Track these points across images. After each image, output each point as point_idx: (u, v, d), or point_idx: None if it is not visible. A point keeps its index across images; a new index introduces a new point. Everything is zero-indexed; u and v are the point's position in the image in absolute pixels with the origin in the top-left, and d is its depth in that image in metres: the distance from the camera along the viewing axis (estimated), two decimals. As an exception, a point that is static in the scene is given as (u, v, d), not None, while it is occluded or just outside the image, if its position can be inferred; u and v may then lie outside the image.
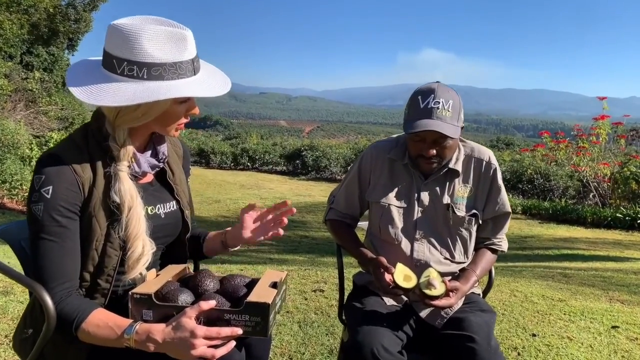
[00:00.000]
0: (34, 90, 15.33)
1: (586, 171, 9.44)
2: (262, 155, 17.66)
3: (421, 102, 1.46)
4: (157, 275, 1.21)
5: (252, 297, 1.09)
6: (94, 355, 1.13)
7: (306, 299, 3.16)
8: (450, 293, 1.39)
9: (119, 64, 1.07)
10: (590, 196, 9.57)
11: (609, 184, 9.16)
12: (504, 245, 1.65)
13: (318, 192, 11.71)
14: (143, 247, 1.16)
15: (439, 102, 1.44)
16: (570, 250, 6.37)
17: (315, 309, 2.99)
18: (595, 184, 9.34)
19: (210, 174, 15.16)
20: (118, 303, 1.18)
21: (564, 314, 3.07)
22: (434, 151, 1.48)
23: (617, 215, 8.08)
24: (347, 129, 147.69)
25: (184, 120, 1.20)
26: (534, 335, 2.70)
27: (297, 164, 16.34)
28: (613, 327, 2.85)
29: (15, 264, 1.35)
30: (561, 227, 8.25)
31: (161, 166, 1.28)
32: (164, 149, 1.27)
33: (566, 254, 6.08)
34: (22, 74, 15.71)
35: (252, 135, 29.24)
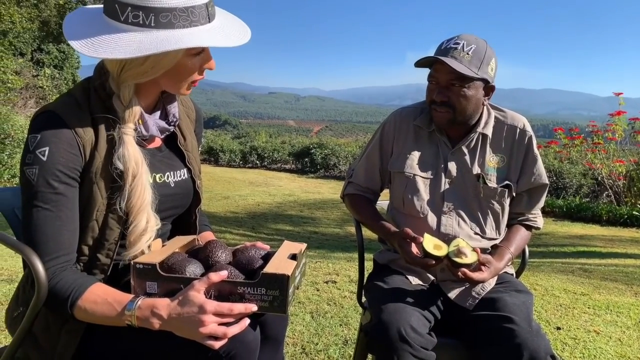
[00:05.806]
0: (45, 87, 15.40)
1: (601, 169, 9.21)
2: (270, 153, 17.54)
3: (442, 45, 1.37)
4: (163, 246, 1.10)
5: (270, 269, 0.97)
6: (89, 338, 1.02)
7: (318, 290, 3.05)
8: (483, 267, 1.26)
9: (122, 10, 0.94)
10: (604, 195, 9.34)
11: (624, 181, 8.93)
12: (539, 221, 1.51)
13: (327, 190, 11.58)
14: (147, 222, 1.04)
15: (458, 44, 1.33)
16: (587, 247, 6.20)
17: (328, 299, 2.88)
18: (610, 181, 9.11)
19: (219, 171, 15.09)
20: (119, 280, 1.07)
21: (588, 307, 2.93)
22: (446, 97, 1.36)
23: (634, 213, 7.88)
24: (355, 128, 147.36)
25: (197, 77, 1.06)
26: (558, 328, 2.56)
27: (305, 162, 16.20)
28: (641, 321, 2.71)
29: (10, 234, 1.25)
30: (576, 224, 8.06)
31: (171, 130, 1.15)
32: (174, 110, 1.15)
33: (582, 251, 5.91)
34: (33, 70, 15.79)
35: (260, 134, 29.12)
